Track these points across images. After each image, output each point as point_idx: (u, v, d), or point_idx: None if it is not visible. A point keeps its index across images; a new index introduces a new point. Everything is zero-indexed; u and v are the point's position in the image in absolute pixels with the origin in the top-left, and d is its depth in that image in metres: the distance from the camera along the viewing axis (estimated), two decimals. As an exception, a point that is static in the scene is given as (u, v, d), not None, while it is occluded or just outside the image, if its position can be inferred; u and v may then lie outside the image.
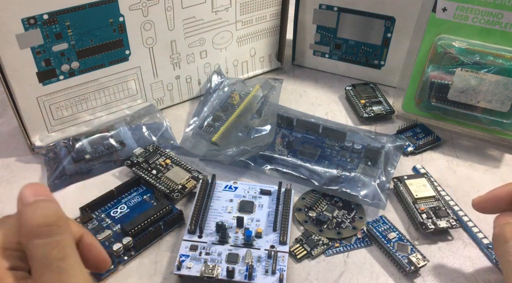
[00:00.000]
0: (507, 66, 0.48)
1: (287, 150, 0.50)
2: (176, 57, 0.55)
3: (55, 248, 0.25)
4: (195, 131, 0.52)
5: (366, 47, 0.61)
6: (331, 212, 0.44)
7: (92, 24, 0.47)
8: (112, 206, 0.44)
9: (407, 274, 0.39)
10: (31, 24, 0.44)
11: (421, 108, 0.54)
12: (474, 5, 0.48)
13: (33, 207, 0.26)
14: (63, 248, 0.26)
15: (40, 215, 0.26)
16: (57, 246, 0.26)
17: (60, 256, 0.25)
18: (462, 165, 0.51)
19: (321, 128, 0.52)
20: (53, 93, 0.49)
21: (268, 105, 0.54)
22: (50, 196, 0.27)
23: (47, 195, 0.27)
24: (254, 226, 0.42)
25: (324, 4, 0.59)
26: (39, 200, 0.27)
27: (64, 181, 0.47)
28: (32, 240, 0.25)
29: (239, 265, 0.38)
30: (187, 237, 0.40)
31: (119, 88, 0.53)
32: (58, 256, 0.25)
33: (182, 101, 0.59)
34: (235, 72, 0.62)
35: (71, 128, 0.52)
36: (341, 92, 0.61)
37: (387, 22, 0.58)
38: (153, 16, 0.50)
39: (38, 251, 0.25)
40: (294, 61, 0.66)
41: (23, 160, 0.50)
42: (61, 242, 0.26)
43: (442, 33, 0.50)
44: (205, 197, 0.43)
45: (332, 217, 0.44)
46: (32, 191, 0.27)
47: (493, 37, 0.49)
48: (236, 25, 0.57)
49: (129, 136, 0.51)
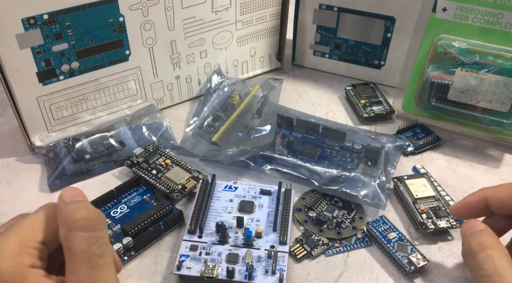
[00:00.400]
0: (507, 66, 0.48)
1: (287, 150, 0.50)
2: (176, 57, 0.55)
3: (96, 243, 0.26)
4: (195, 131, 0.52)
5: (366, 47, 0.61)
6: (331, 212, 0.44)
7: (92, 24, 0.47)
8: (112, 206, 0.44)
9: (407, 274, 0.39)
10: (31, 24, 0.44)
11: (421, 108, 0.54)
12: (474, 5, 0.48)
13: (76, 203, 0.27)
14: (102, 244, 0.27)
15: (84, 209, 0.27)
16: (97, 242, 0.26)
17: (99, 252, 0.26)
18: (462, 165, 0.51)
19: (321, 128, 0.52)
20: (53, 93, 0.49)
21: (268, 105, 0.54)
22: (87, 199, 0.29)
23: (85, 198, 0.28)
24: (254, 226, 0.42)
25: (324, 4, 0.59)
26: (79, 200, 0.28)
27: (64, 181, 0.47)
28: (74, 232, 0.26)
29: (239, 265, 0.38)
30: (187, 237, 0.40)
31: (119, 88, 0.53)
32: (97, 252, 0.26)
33: (182, 101, 0.59)
34: (235, 72, 0.62)
35: (71, 128, 0.52)
36: (341, 92, 0.61)
37: (387, 22, 0.58)
38: (153, 16, 0.50)
39: (79, 243, 0.26)
40: (294, 61, 0.66)
41: (23, 160, 0.50)
42: (102, 239, 0.27)
43: (442, 33, 0.50)
44: (205, 197, 0.43)
45: (332, 217, 0.44)
46: (72, 192, 0.28)
47: (493, 37, 0.49)
48: (236, 25, 0.57)
49: (129, 136, 0.51)
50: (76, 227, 0.26)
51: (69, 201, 0.28)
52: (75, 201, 0.28)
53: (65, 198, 0.28)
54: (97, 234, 0.27)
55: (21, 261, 0.26)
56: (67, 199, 0.28)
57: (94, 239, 0.26)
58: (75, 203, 0.28)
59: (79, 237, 0.26)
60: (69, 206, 0.27)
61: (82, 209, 0.27)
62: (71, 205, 0.27)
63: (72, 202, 0.27)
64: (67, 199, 0.28)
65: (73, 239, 0.26)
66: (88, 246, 0.26)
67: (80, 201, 0.28)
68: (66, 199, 0.28)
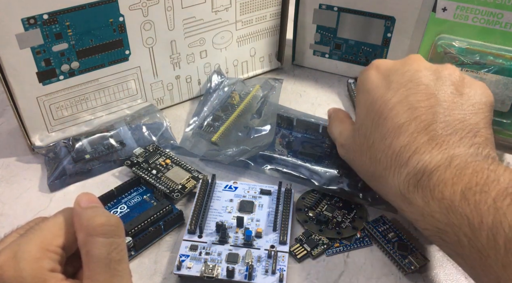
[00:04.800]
0: (507, 66, 0.48)
1: (287, 149, 0.50)
2: (176, 57, 0.55)
3: (115, 249, 0.26)
4: (194, 131, 0.52)
5: (366, 47, 0.61)
6: (331, 212, 0.44)
7: (92, 24, 0.47)
8: (112, 206, 0.44)
9: (407, 274, 0.39)
10: (31, 24, 0.44)
11: (421, 108, 0.54)
12: (474, 5, 0.48)
13: (94, 209, 0.27)
14: (121, 251, 0.27)
15: (103, 215, 0.27)
16: (117, 248, 0.26)
17: (118, 258, 0.26)
18: (462, 165, 0.51)
19: (321, 128, 0.52)
20: (53, 93, 0.49)
21: (268, 105, 0.54)
22: (102, 205, 0.29)
23: (100, 204, 0.29)
24: (254, 226, 0.42)
25: (324, 4, 0.59)
26: (96, 206, 0.28)
27: (64, 181, 0.47)
28: (94, 237, 0.26)
29: (239, 265, 0.38)
30: (187, 237, 0.40)
31: (119, 88, 0.53)
32: (116, 258, 0.26)
33: (182, 101, 0.59)
34: (235, 72, 0.62)
35: (71, 128, 0.52)
36: (341, 92, 0.61)
37: (387, 22, 0.58)
38: (153, 16, 0.50)
39: (99, 249, 0.26)
40: (294, 61, 0.66)
41: (23, 160, 0.50)
42: (121, 245, 0.27)
43: (442, 33, 0.50)
44: (205, 197, 0.43)
45: (332, 217, 0.44)
46: (88, 197, 0.28)
47: (493, 37, 0.49)
48: (236, 25, 0.57)
49: (129, 136, 0.51)
50: (96, 232, 0.26)
51: (87, 206, 0.28)
52: (93, 207, 0.28)
53: (82, 203, 0.28)
54: (117, 241, 0.27)
55: (41, 265, 0.25)
56: (84, 204, 0.28)
57: (113, 245, 0.27)
58: (94, 208, 0.28)
59: (99, 243, 0.26)
60: (88, 211, 0.27)
61: (101, 215, 0.27)
62: (90, 211, 0.27)
63: (90, 207, 0.28)
64: (84, 204, 0.28)
65: (93, 245, 0.26)
66: (108, 252, 0.26)
67: (97, 206, 0.28)
68: (83, 204, 0.28)
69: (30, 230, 0.27)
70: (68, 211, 0.28)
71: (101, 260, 0.26)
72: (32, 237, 0.26)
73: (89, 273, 0.26)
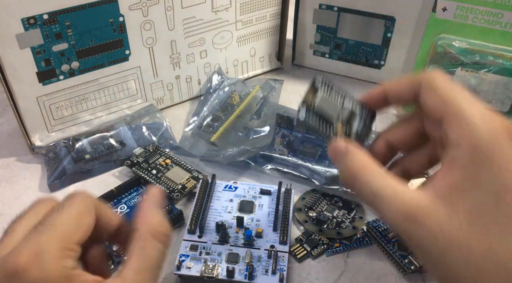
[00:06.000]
0: (507, 66, 0.48)
1: (287, 149, 0.50)
2: (176, 57, 0.55)
3: (163, 259, 0.28)
4: (194, 131, 0.52)
5: (366, 47, 0.61)
6: (331, 211, 0.44)
7: (92, 24, 0.47)
8: (112, 206, 0.44)
9: (407, 274, 0.39)
10: (31, 24, 0.44)
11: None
12: (474, 5, 0.48)
13: (163, 216, 0.30)
14: (163, 259, 0.28)
15: (167, 225, 0.29)
16: (163, 256, 0.28)
17: (160, 265, 0.28)
18: (462, 165, 0.51)
19: (321, 128, 0.52)
20: (53, 93, 0.49)
21: (267, 106, 0.54)
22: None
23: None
24: (254, 226, 0.42)
25: (324, 4, 0.59)
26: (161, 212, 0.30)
27: (64, 181, 0.47)
28: (154, 240, 0.28)
29: (239, 265, 0.38)
30: (187, 237, 0.40)
31: (119, 88, 0.53)
32: (159, 264, 0.28)
33: (182, 101, 0.59)
34: (235, 72, 0.62)
35: (71, 128, 0.52)
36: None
37: (387, 22, 0.58)
38: (153, 16, 0.50)
39: (156, 252, 0.28)
40: (294, 61, 0.66)
41: (23, 160, 0.50)
42: (165, 254, 0.29)
43: (442, 33, 0.50)
44: (205, 197, 0.43)
45: (332, 216, 0.44)
46: (160, 194, 0.31)
47: (493, 37, 0.49)
48: (236, 25, 0.57)
49: (129, 136, 0.51)
50: (158, 237, 0.28)
51: (157, 209, 0.30)
52: (161, 213, 0.30)
53: (154, 198, 0.30)
54: (165, 250, 0.28)
55: (65, 265, 0.25)
56: (155, 201, 0.30)
57: (164, 255, 0.28)
58: (162, 216, 0.29)
59: (157, 247, 0.28)
60: (160, 214, 0.29)
61: (167, 225, 0.29)
62: (161, 215, 0.29)
63: (160, 212, 0.30)
64: (156, 201, 0.30)
65: (152, 244, 0.28)
66: (160, 258, 0.28)
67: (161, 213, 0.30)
68: (154, 200, 0.30)
69: (47, 226, 0.26)
70: (80, 201, 0.28)
71: (154, 261, 0.27)
72: (51, 235, 0.26)
73: (137, 267, 0.27)
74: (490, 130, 0.24)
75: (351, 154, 0.29)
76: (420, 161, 0.32)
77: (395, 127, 0.32)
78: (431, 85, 0.28)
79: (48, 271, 0.24)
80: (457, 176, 0.24)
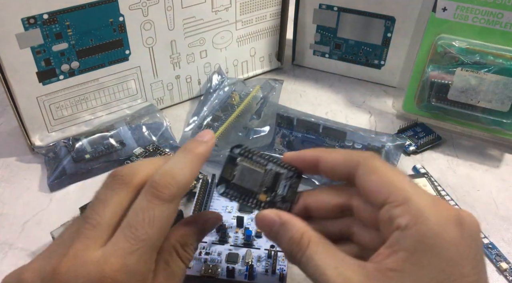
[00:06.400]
0: (507, 66, 0.48)
1: (287, 149, 0.50)
2: (176, 57, 0.55)
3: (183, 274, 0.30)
4: (194, 131, 0.52)
5: (366, 47, 0.61)
6: (331, 211, 0.44)
7: (92, 24, 0.47)
8: (112, 205, 0.44)
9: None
10: (31, 24, 0.44)
11: (421, 108, 0.54)
12: (474, 5, 0.48)
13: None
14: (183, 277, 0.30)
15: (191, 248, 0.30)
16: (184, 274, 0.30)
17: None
18: (462, 165, 0.51)
19: (321, 128, 0.52)
20: (53, 93, 0.49)
21: (267, 106, 0.54)
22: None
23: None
24: (254, 225, 0.42)
25: (324, 4, 0.59)
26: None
27: (64, 181, 0.47)
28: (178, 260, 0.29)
29: (239, 265, 0.38)
30: (187, 237, 0.40)
31: (119, 88, 0.53)
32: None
33: (182, 101, 0.59)
34: (235, 72, 0.62)
35: (71, 128, 0.52)
36: (341, 92, 0.61)
37: (387, 22, 0.58)
38: (153, 16, 0.50)
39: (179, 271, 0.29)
40: (294, 61, 0.66)
41: (23, 160, 0.50)
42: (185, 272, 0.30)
43: (442, 33, 0.50)
44: (205, 196, 0.43)
45: (332, 216, 0.44)
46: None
47: (493, 37, 0.49)
48: (236, 25, 0.57)
49: (129, 136, 0.51)
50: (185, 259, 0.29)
51: (196, 234, 0.30)
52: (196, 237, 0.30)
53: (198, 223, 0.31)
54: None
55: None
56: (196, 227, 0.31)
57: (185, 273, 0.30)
58: (196, 239, 0.30)
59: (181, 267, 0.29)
60: (194, 241, 0.30)
61: (193, 251, 0.30)
62: (195, 240, 0.30)
63: (196, 237, 0.30)
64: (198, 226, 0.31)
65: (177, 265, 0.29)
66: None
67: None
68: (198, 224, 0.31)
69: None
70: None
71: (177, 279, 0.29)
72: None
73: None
74: (438, 217, 0.25)
75: (287, 224, 0.28)
76: (330, 230, 0.31)
77: (319, 194, 0.31)
78: (372, 168, 0.27)
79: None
80: (400, 259, 0.24)
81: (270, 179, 0.31)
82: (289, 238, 0.28)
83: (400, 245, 0.25)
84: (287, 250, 0.28)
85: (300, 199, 0.31)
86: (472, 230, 0.25)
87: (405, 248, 0.24)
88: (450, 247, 0.24)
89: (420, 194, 0.26)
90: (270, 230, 0.29)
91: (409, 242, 0.24)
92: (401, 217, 0.25)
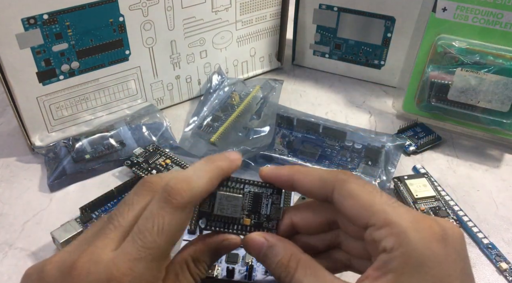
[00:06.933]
0: (507, 66, 0.48)
1: (287, 149, 0.50)
2: (176, 57, 0.55)
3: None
4: (194, 131, 0.52)
5: (366, 47, 0.61)
6: (331, 212, 0.44)
7: (92, 24, 0.47)
8: (112, 206, 0.44)
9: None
10: (31, 24, 0.44)
11: (421, 108, 0.54)
12: (474, 5, 0.48)
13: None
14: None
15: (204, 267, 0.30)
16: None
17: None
18: (462, 165, 0.51)
19: (321, 128, 0.52)
20: (53, 93, 0.49)
21: (267, 106, 0.54)
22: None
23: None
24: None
25: (324, 4, 0.59)
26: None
27: (64, 181, 0.47)
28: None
29: (239, 265, 0.38)
30: (187, 237, 0.40)
31: (119, 88, 0.53)
32: None
33: (182, 101, 0.59)
34: (235, 72, 0.62)
35: (71, 128, 0.52)
36: (341, 92, 0.61)
37: (387, 22, 0.58)
38: (153, 16, 0.50)
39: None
40: (294, 61, 0.66)
41: (23, 160, 0.50)
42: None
43: (442, 33, 0.50)
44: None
45: (332, 217, 0.44)
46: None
47: (493, 37, 0.49)
48: (236, 25, 0.57)
49: (129, 136, 0.51)
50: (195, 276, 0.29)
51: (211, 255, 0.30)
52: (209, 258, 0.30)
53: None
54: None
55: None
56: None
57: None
58: (208, 259, 0.30)
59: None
60: (207, 260, 0.30)
61: (205, 271, 0.30)
62: (207, 259, 0.30)
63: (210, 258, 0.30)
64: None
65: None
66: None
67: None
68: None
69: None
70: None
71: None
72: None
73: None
74: (421, 236, 0.25)
75: (275, 247, 0.28)
76: (318, 243, 0.31)
77: (304, 212, 0.31)
78: (347, 193, 0.27)
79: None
80: (390, 282, 0.25)
81: (250, 201, 0.30)
82: (277, 262, 0.28)
83: (388, 267, 0.25)
84: (275, 273, 0.28)
85: (285, 215, 0.31)
86: (456, 243, 0.25)
87: (393, 270, 0.25)
88: (435, 265, 0.24)
89: (401, 214, 0.26)
90: (258, 253, 0.29)
91: (396, 264, 0.25)
92: (384, 239, 0.25)
